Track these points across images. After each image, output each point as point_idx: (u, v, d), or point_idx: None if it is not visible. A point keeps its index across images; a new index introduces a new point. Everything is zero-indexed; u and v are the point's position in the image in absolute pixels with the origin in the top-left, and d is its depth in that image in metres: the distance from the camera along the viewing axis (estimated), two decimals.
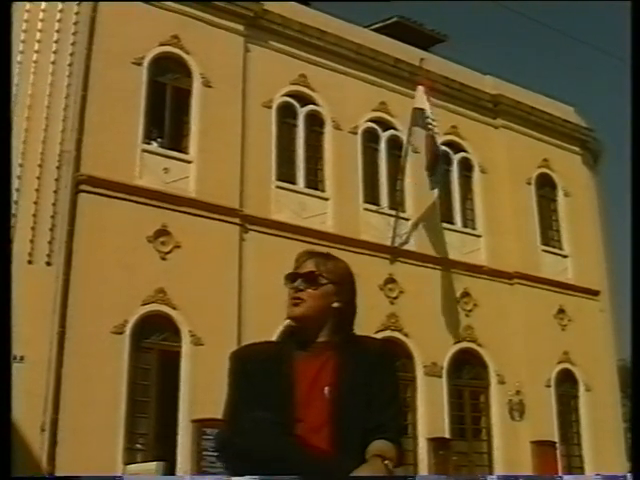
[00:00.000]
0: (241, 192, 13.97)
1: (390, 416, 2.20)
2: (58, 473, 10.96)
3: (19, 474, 9.06)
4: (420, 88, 15.56)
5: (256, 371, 2.27)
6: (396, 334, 15.00)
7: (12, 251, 10.90)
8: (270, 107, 15.02)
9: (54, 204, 12.23)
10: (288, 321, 2.38)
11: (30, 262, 11.79)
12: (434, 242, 16.35)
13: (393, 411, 2.22)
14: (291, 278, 2.35)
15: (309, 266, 2.34)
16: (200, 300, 12.73)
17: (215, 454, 11.50)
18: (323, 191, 15.37)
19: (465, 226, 17.33)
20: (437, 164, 15.18)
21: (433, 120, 15.13)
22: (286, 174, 15.00)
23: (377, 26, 18.65)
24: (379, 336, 14.11)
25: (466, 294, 16.40)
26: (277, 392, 2.21)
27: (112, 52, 13.19)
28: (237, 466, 2.05)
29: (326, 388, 2.20)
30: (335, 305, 2.32)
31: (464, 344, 16.12)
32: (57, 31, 12.93)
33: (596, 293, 18.53)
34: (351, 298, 2.39)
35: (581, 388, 17.59)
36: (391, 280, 15.25)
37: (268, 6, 15.27)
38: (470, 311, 16.39)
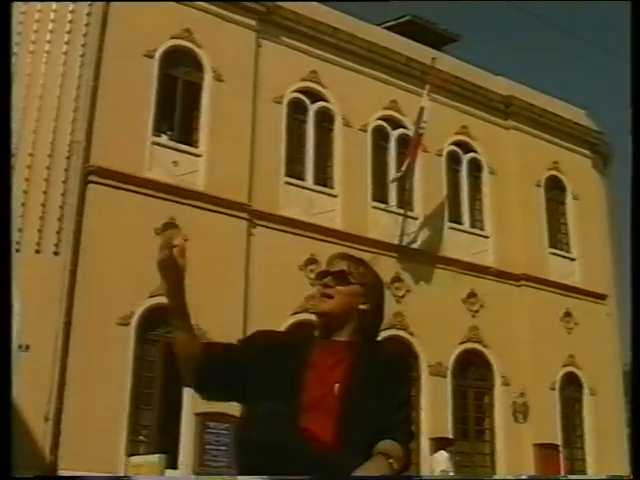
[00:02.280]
0: (250, 187, 13.97)
1: (400, 419, 2.20)
2: (61, 463, 11.01)
3: (22, 463, 9.10)
4: (427, 87, 15.54)
5: (270, 356, 2.27)
6: (402, 333, 14.98)
7: (13, 240, 10.94)
8: (280, 103, 15.02)
9: (63, 194, 12.26)
10: (295, 316, 2.38)
11: (38, 251, 11.82)
12: (442, 242, 16.33)
13: (403, 415, 2.22)
14: (322, 275, 2.36)
15: (341, 265, 2.35)
16: (206, 294, 12.69)
17: (219, 447, 11.57)
18: (332, 188, 15.36)
19: (473, 227, 17.30)
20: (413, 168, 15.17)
21: (425, 122, 15.09)
22: (295, 170, 14.99)
23: (390, 24, 18.62)
24: (385, 334, 14.14)
25: (472, 295, 16.37)
26: (287, 381, 2.20)
27: (124, 44, 13.20)
28: (245, 458, 2.05)
29: (336, 385, 2.20)
30: (361, 307, 2.32)
31: (469, 345, 16.10)
32: (70, 22, 12.95)
33: (603, 297, 18.47)
34: (378, 305, 2.38)
35: (586, 392, 17.56)
36: (398, 279, 15.22)
37: (280, 2, 15.27)
38: (476, 312, 16.35)
